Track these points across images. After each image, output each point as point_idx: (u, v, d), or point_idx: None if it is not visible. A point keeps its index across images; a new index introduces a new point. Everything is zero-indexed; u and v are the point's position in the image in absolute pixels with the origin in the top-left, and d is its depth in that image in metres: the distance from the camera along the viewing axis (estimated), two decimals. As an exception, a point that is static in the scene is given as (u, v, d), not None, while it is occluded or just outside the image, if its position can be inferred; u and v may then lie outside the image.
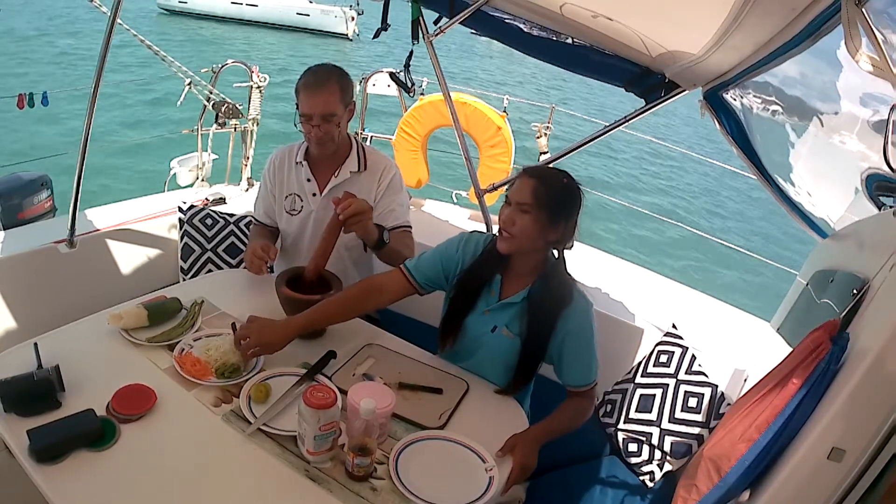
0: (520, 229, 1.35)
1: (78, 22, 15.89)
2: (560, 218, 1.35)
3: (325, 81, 1.62)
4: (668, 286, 2.62)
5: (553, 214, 1.34)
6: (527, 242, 1.37)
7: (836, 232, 1.57)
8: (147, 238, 2.26)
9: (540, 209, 1.33)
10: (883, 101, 1.14)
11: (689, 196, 10.70)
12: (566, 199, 1.36)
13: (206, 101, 2.89)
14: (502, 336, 1.43)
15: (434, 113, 3.55)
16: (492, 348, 1.44)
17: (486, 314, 1.45)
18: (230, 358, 1.33)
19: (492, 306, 1.44)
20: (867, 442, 0.84)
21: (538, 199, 1.33)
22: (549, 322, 1.38)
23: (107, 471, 1.02)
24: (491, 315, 1.44)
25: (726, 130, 1.81)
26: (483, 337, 1.45)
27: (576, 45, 1.90)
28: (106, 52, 1.81)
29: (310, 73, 1.64)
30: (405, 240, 1.77)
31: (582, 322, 1.40)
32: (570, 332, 1.39)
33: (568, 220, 1.36)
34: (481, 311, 1.45)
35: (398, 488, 1.08)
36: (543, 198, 1.33)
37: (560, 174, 1.38)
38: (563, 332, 1.39)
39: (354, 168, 1.76)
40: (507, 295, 1.43)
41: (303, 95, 1.62)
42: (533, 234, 1.35)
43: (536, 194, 1.33)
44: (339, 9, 20.93)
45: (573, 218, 1.37)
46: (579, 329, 1.40)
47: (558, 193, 1.35)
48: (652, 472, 1.70)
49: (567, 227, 1.37)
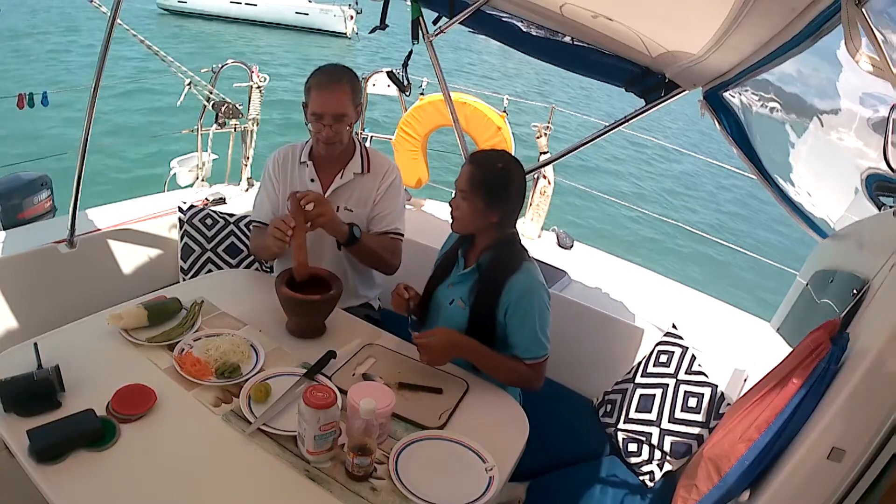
0: (461, 213, 1.48)
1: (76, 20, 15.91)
2: (497, 201, 1.45)
3: (337, 81, 1.61)
4: (668, 286, 2.62)
5: (489, 198, 1.44)
6: (470, 224, 1.50)
7: (836, 232, 1.57)
8: (147, 238, 2.26)
9: (475, 195, 1.44)
10: (883, 101, 1.14)
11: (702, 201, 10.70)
12: (501, 184, 1.44)
13: (206, 101, 2.89)
14: (457, 308, 1.52)
15: (434, 113, 3.55)
16: (446, 320, 1.54)
17: (450, 287, 1.57)
18: (230, 358, 1.33)
19: (455, 278, 1.56)
20: (867, 442, 0.85)
21: (473, 185, 1.44)
22: (496, 290, 1.45)
23: (107, 471, 1.02)
24: (454, 288, 1.55)
25: (726, 130, 1.81)
26: (441, 309, 1.57)
27: (576, 44, 1.90)
28: (106, 52, 1.81)
29: (322, 73, 1.63)
30: (390, 245, 1.77)
31: (525, 293, 1.44)
32: (512, 301, 1.44)
33: (506, 202, 1.46)
34: (447, 284, 1.58)
35: (398, 488, 1.08)
36: (479, 184, 1.44)
37: (498, 159, 1.47)
38: (508, 301, 1.45)
39: (358, 170, 1.75)
40: (468, 267, 1.54)
41: (314, 94, 1.61)
42: (472, 216, 1.47)
43: (472, 180, 1.44)
44: (337, 8, 20.95)
45: (511, 201, 1.46)
46: (520, 299, 1.44)
47: (492, 179, 1.44)
48: (652, 472, 1.70)
49: (507, 208, 1.47)
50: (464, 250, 1.57)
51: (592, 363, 2.04)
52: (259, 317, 1.54)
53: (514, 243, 1.52)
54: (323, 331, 1.55)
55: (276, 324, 1.53)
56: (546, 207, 3.34)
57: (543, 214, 3.34)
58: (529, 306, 1.44)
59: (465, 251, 1.57)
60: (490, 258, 1.50)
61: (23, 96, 2.80)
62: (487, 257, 1.50)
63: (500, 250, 1.50)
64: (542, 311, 1.46)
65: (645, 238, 7.88)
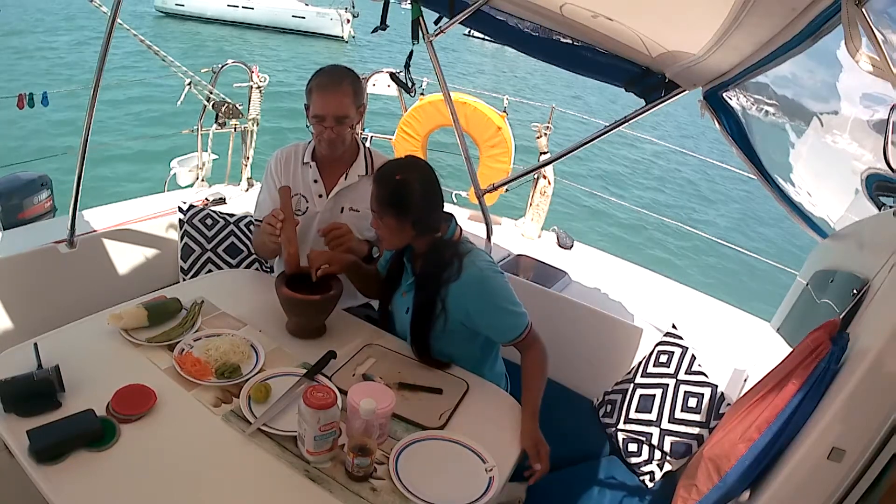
0: (381, 233, 1.45)
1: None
2: (405, 213, 1.39)
3: (339, 83, 1.60)
4: (668, 286, 2.62)
5: (398, 213, 1.39)
6: (395, 241, 1.46)
7: (836, 232, 1.57)
8: (147, 238, 2.26)
9: (384, 213, 1.40)
10: (883, 101, 1.14)
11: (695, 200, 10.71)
12: (402, 196, 1.39)
13: (206, 101, 2.89)
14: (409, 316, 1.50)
15: (434, 113, 3.56)
16: (403, 327, 1.53)
17: (403, 296, 1.55)
18: (230, 358, 1.33)
19: (406, 286, 1.54)
20: (867, 442, 0.84)
21: (380, 205, 1.40)
22: (431, 297, 1.44)
23: (107, 471, 1.02)
24: (407, 296, 1.53)
25: (726, 130, 1.81)
26: (400, 318, 1.56)
27: (576, 45, 1.89)
28: (106, 52, 1.81)
29: (323, 75, 1.62)
30: None
31: (478, 290, 1.43)
32: (469, 306, 1.43)
33: (414, 211, 1.40)
34: (402, 292, 1.56)
35: (398, 488, 1.08)
36: (384, 201, 1.39)
37: (396, 170, 1.41)
38: (464, 307, 1.43)
39: (363, 171, 1.75)
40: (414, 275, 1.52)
41: (316, 96, 1.60)
42: (390, 234, 1.44)
43: (378, 200, 1.40)
44: (334, 11, 21.03)
45: (418, 207, 1.40)
46: (477, 299, 1.43)
47: (393, 193, 1.39)
48: (652, 473, 1.70)
49: (416, 217, 1.40)
50: (408, 256, 1.54)
51: (592, 363, 2.04)
52: (259, 317, 1.54)
53: (443, 247, 1.46)
54: (323, 331, 1.55)
55: (276, 324, 1.53)
56: (546, 207, 3.35)
57: (543, 214, 3.34)
58: (490, 298, 1.43)
59: (410, 256, 1.54)
60: (421, 267, 1.48)
61: (23, 96, 2.80)
62: (423, 265, 1.48)
63: (429, 257, 1.46)
64: (503, 290, 1.44)
65: (646, 238, 7.88)
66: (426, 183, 1.42)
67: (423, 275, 1.47)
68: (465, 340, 1.51)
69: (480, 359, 1.56)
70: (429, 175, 1.43)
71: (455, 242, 1.48)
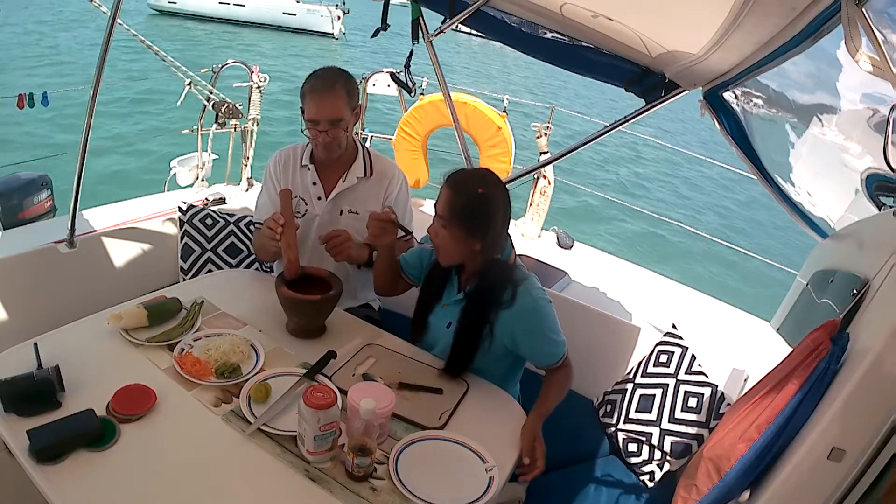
0: (441, 242, 1.37)
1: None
2: (477, 230, 1.33)
3: (331, 86, 1.59)
4: (667, 286, 2.62)
5: (469, 228, 1.33)
6: (454, 255, 1.40)
7: (836, 232, 1.57)
8: (147, 238, 2.26)
9: (454, 223, 1.33)
10: (883, 101, 1.13)
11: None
12: (481, 211, 1.33)
13: (206, 101, 2.89)
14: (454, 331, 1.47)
15: (434, 113, 3.55)
16: (445, 344, 1.48)
17: (445, 308, 1.51)
18: (230, 358, 1.33)
19: (451, 300, 1.50)
20: (867, 442, 0.84)
21: (453, 212, 1.32)
22: (480, 323, 1.41)
23: (107, 471, 1.02)
24: (449, 309, 1.50)
25: (726, 130, 1.81)
26: (440, 331, 1.51)
27: (576, 44, 1.90)
28: (106, 52, 1.81)
29: (316, 78, 1.61)
30: (405, 248, 1.77)
31: (529, 320, 1.41)
32: (517, 333, 1.42)
33: (486, 231, 1.34)
34: (443, 304, 1.52)
35: (398, 488, 1.08)
36: (459, 211, 1.32)
37: (477, 181, 1.34)
38: (511, 333, 1.41)
39: (361, 174, 1.75)
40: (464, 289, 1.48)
41: (309, 100, 1.60)
42: (453, 246, 1.37)
43: (452, 206, 1.32)
44: (325, 8, 21.12)
45: (493, 228, 1.34)
46: (529, 327, 1.42)
47: (472, 206, 1.32)
48: (652, 472, 1.70)
49: (489, 236, 1.35)
50: (457, 269, 1.49)
51: (592, 363, 2.03)
52: (259, 317, 1.54)
53: (502, 271, 1.41)
54: (323, 331, 1.55)
55: (276, 324, 1.53)
56: (546, 207, 3.34)
57: (543, 214, 3.34)
58: (540, 329, 1.42)
59: (458, 270, 1.49)
60: (475, 288, 1.42)
61: (23, 96, 2.80)
62: (473, 286, 1.43)
63: (485, 280, 1.40)
64: (551, 321, 1.43)
65: (644, 238, 7.88)
66: (507, 205, 1.36)
67: (476, 296, 1.41)
68: (498, 359, 1.50)
69: (506, 375, 1.55)
70: (508, 195, 1.37)
71: (511, 267, 1.43)
